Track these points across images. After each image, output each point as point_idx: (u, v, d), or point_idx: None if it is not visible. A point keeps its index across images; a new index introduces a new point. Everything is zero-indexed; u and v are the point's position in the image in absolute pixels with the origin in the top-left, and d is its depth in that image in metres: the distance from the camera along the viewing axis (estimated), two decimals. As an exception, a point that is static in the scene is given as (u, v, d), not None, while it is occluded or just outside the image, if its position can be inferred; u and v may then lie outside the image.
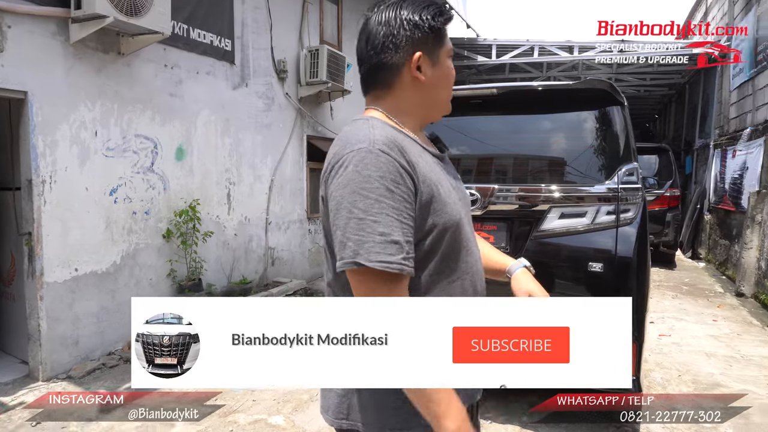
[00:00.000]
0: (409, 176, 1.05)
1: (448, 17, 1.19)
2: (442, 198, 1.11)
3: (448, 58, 1.21)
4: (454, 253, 1.16)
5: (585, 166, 3.06)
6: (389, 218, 1.01)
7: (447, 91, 1.23)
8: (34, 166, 3.71)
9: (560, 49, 11.10)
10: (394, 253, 1.00)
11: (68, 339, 3.94)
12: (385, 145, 1.04)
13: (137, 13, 3.96)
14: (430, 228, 1.09)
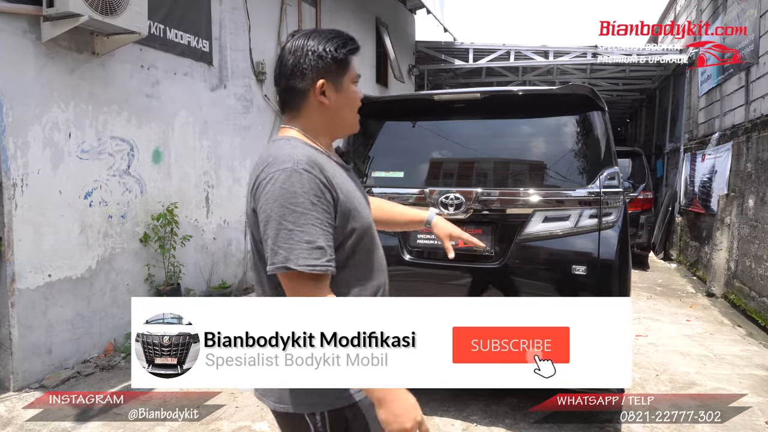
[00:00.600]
0: (328, 190, 1.24)
1: (351, 49, 1.35)
2: (356, 206, 1.31)
3: (353, 84, 1.37)
4: (370, 252, 1.37)
5: (567, 170, 3.11)
6: (314, 228, 1.19)
7: (351, 113, 1.39)
8: (5, 169, 3.59)
9: (536, 54, 11.28)
10: (319, 257, 1.19)
11: (41, 347, 3.81)
12: (307, 165, 1.22)
13: (113, 12, 3.86)
14: (350, 232, 1.29)
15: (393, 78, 10.61)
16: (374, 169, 3.48)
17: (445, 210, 3.10)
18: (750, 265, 5.70)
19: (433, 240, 3.19)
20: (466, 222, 3.11)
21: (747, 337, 4.92)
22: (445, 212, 3.09)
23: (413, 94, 3.68)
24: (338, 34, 1.35)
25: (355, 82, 1.38)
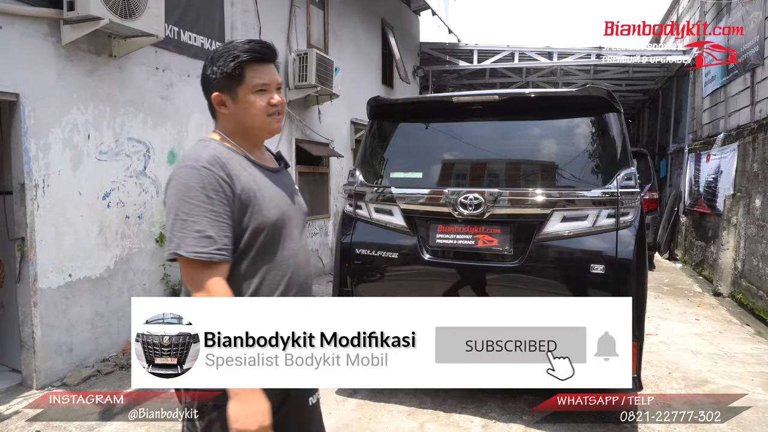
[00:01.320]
0: (227, 185, 1.37)
1: (240, 62, 1.43)
2: (259, 203, 1.42)
3: (251, 94, 1.45)
4: (270, 247, 1.45)
5: (585, 171, 3.16)
6: (206, 219, 1.32)
7: (255, 119, 1.47)
8: (27, 170, 3.63)
9: (540, 55, 11.33)
10: (207, 245, 1.31)
11: (62, 346, 3.86)
12: (208, 162, 1.36)
13: (132, 15, 3.91)
14: (247, 226, 1.40)
15: (399, 79, 10.66)
16: (393, 170, 3.52)
17: (465, 210, 3.14)
18: (757, 264, 5.75)
19: (452, 239, 3.24)
20: (485, 222, 3.16)
21: (756, 335, 4.97)
22: (465, 212, 3.14)
23: (432, 96, 3.72)
24: (229, 50, 1.45)
25: (254, 91, 1.45)
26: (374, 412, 3.39)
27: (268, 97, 1.47)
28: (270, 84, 1.48)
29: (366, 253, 3.43)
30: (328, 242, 8.07)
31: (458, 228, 3.23)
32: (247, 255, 1.42)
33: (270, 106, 1.48)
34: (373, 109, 3.65)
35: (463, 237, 3.22)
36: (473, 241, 3.19)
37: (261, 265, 1.44)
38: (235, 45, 1.46)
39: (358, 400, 3.55)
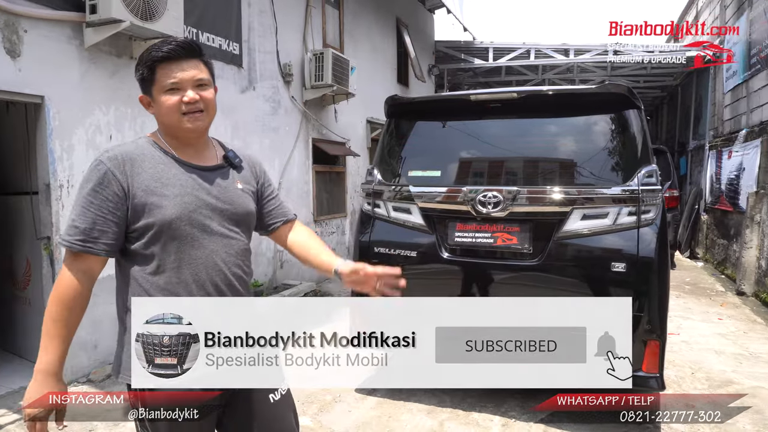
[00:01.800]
0: (117, 182, 1.40)
1: (147, 64, 1.46)
2: (155, 202, 1.42)
3: (164, 93, 1.46)
4: (170, 244, 1.44)
5: (605, 168, 3.13)
6: (84, 211, 1.39)
7: (170, 117, 1.48)
8: (52, 171, 3.71)
9: (556, 52, 11.24)
10: (73, 234, 1.39)
11: (87, 343, 3.93)
12: (108, 159, 1.42)
13: (152, 18, 3.97)
14: (145, 224, 1.42)
15: (414, 78, 10.65)
16: (411, 169, 3.53)
17: (484, 209, 3.14)
18: (781, 262, 5.64)
19: (470, 238, 3.23)
20: (504, 220, 3.15)
21: (781, 335, 4.88)
22: (483, 211, 3.14)
23: (450, 94, 3.72)
24: (146, 49, 1.50)
25: (165, 91, 1.45)
26: (393, 410, 3.39)
27: (180, 96, 1.45)
28: (181, 81, 1.45)
29: (384, 252, 3.44)
30: (345, 241, 8.10)
31: (477, 226, 3.22)
32: (151, 250, 1.44)
33: (183, 104, 1.45)
34: (391, 107, 3.65)
35: (482, 235, 3.21)
36: (492, 239, 3.18)
37: (170, 262, 1.44)
38: (150, 47, 1.48)
39: (378, 398, 3.56)
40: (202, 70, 1.50)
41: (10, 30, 3.47)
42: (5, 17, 3.43)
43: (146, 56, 1.46)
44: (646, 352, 2.90)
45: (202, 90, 1.48)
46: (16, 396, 3.63)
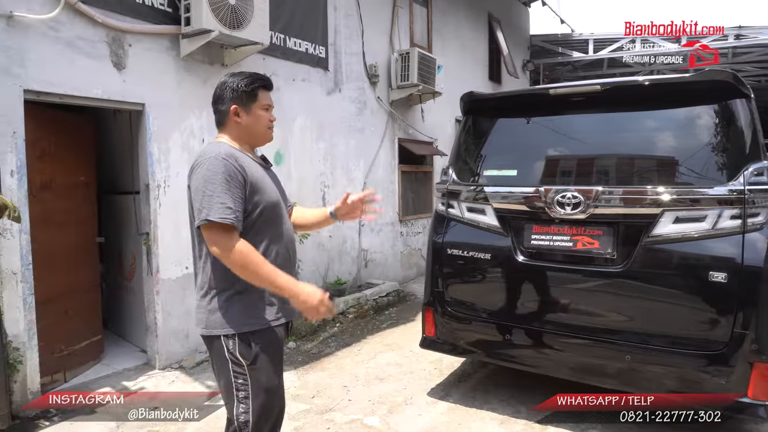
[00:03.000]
0: (239, 173, 1.78)
1: (258, 85, 1.93)
2: (262, 187, 1.86)
3: (261, 110, 1.94)
4: (273, 221, 1.90)
5: (704, 166, 2.79)
6: (226, 195, 1.73)
7: (260, 129, 1.96)
8: (151, 172, 4.03)
9: (665, 40, 10.33)
10: (229, 214, 1.72)
11: (180, 332, 4.24)
12: (226, 155, 1.78)
13: (239, 26, 4.18)
14: (257, 203, 1.83)
15: (506, 74, 10.32)
16: (486, 168, 3.40)
17: (561, 210, 2.94)
18: None
19: (547, 241, 3.04)
20: (585, 222, 2.93)
21: None
22: (561, 212, 2.94)
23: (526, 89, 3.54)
24: (249, 75, 1.94)
25: (264, 109, 1.95)
26: (465, 417, 3.29)
27: (269, 115, 1.98)
28: (271, 106, 1.99)
29: (457, 254, 3.35)
30: (431, 241, 8.02)
31: (555, 228, 3.03)
32: (256, 224, 1.83)
33: (269, 122, 1.98)
34: (467, 104, 3.54)
35: (561, 238, 3.01)
36: (571, 242, 2.97)
37: (265, 236, 1.86)
38: (249, 74, 1.95)
39: (450, 403, 3.48)
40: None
41: (117, 45, 3.82)
42: (113, 34, 3.79)
43: (250, 79, 1.92)
44: (753, 376, 2.55)
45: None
46: (120, 376, 4.00)
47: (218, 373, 1.89)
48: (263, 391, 1.83)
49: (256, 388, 1.82)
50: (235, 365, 1.81)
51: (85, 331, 4.07)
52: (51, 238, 3.67)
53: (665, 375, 2.75)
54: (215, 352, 1.86)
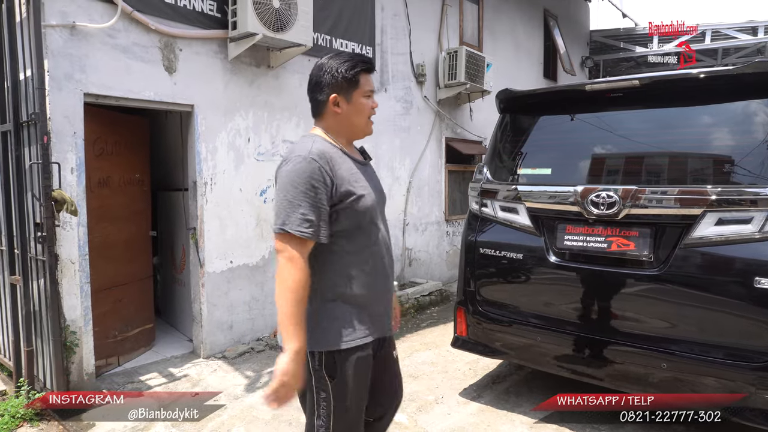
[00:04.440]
0: (329, 177, 1.63)
1: (360, 69, 1.73)
2: (354, 191, 1.67)
3: (363, 97, 1.76)
4: (365, 228, 1.73)
5: (753, 165, 2.60)
6: (309, 205, 1.60)
7: (361, 119, 1.78)
8: (198, 170, 4.24)
9: (740, 32, 9.68)
10: (308, 227, 1.59)
11: (224, 323, 4.43)
12: (317, 155, 1.63)
13: (283, 29, 4.30)
14: (346, 210, 1.66)
15: (562, 71, 10.01)
16: (520, 166, 3.34)
17: (596, 210, 2.84)
18: None
19: (581, 242, 2.95)
20: (620, 223, 2.81)
21: None
22: (595, 212, 2.84)
23: (563, 86, 3.43)
24: (350, 58, 1.74)
25: (366, 96, 1.76)
26: (494, 418, 3.25)
27: (371, 102, 1.78)
28: (373, 91, 1.80)
29: (490, 254, 3.30)
30: (479, 242, 7.92)
31: (589, 229, 2.93)
32: (345, 232, 1.69)
33: (371, 110, 1.79)
34: (502, 102, 3.49)
35: (594, 239, 2.90)
36: (606, 244, 2.86)
37: (360, 241, 1.72)
38: (350, 56, 1.77)
39: (481, 404, 3.44)
40: None
41: (168, 50, 4.04)
42: (165, 39, 4.01)
43: (350, 63, 1.73)
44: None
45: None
46: (167, 363, 4.23)
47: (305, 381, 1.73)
48: (345, 410, 1.71)
49: (338, 407, 1.70)
50: (318, 380, 1.70)
51: (138, 319, 4.34)
52: (107, 231, 3.95)
53: (706, 386, 2.60)
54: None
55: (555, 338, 3.04)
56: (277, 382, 1.55)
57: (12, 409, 3.21)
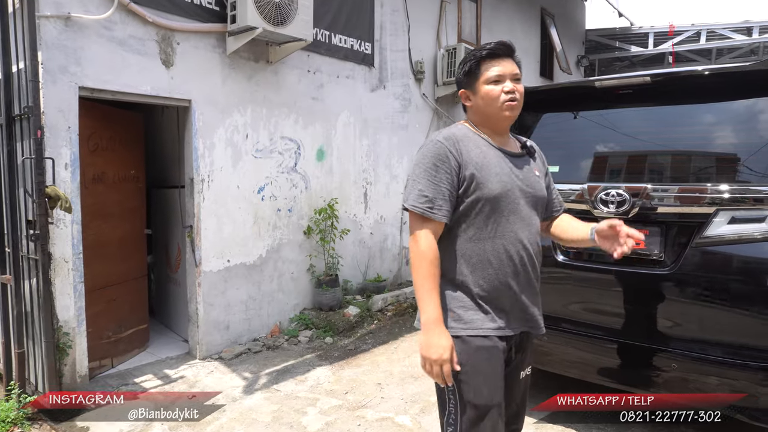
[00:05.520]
0: (454, 158, 1.64)
1: (475, 60, 1.72)
2: (482, 177, 1.64)
3: (486, 84, 1.70)
4: (490, 217, 1.66)
5: (763, 163, 2.57)
6: (427, 182, 1.63)
7: (492, 108, 1.71)
8: (195, 166, 4.15)
9: (735, 32, 9.72)
10: (423, 203, 1.62)
11: (220, 324, 4.34)
12: (444, 138, 1.67)
13: (283, 23, 4.22)
14: (470, 195, 1.65)
15: (559, 70, 9.99)
16: (526, 164, 3.28)
17: (605, 208, 2.79)
18: None
19: (590, 240, 2.89)
20: (630, 222, 2.75)
21: None
22: (604, 210, 2.79)
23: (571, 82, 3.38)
24: (470, 53, 1.76)
25: (493, 82, 1.68)
26: (499, 420, 3.18)
27: (501, 87, 1.68)
28: (503, 75, 1.69)
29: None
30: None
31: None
32: (467, 218, 1.66)
33: (504, 93, 1.68)
34: (507, 99, 3.42)
35: (603, 238, 2.85)
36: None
37: (481, 231, 1.66)
38: (475, 48, 1.77)
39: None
40: (516, 66, 1.74)
41: (165, 43, 3.94)
42: (162, 32, 3.92)
43: (472, 54, 1.74)
44: (816, 391, 2.33)
45: (517, 83, 1.71)
46: (162, 364, 4.13)
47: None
48: (471, 407, 1.62)
49: (463, 401, 1.63)
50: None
51: (132, 320, 4.24)
52: (101, 228, 3.84)
53: (718, 386, 2.56)
54: None
55: (562, 338, 2.98)
56: (421, 360, 1.58)
57: (2, 413, 3.10)
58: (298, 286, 4.98)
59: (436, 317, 1.57)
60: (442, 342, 1.56)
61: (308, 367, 4.10)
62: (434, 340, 1.55)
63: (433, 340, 1.56)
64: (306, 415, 3.31)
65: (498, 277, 1.67)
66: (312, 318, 4.92)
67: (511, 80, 1.68)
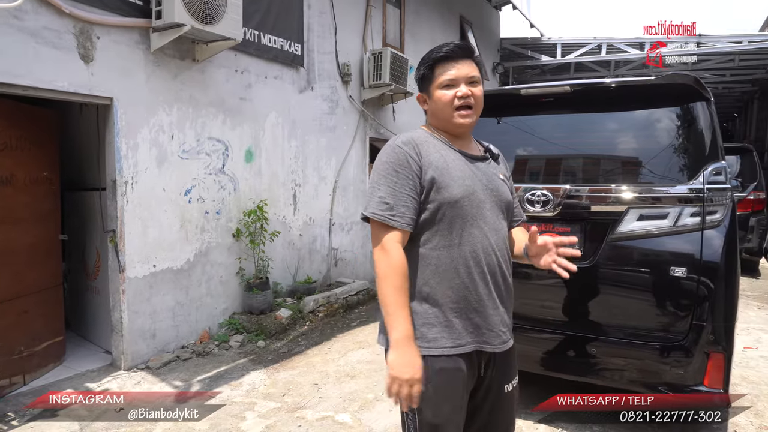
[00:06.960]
0: (415, 162, 1.56)
1: (429, 64, 1.67)
2: (444, 180, 1.57)
3: (439, 89, 1.65)
4: (455, 223, 1.58)
5: (667, 166, 2.90)
6: (388, 188, 1.55)
7: (445, 113, 1.66)
8: (118, 168, 3.94)
9: (630, 47, 10.67)
10: (384, 210, 1.54)
11: (146, 332, 4.15)
12: (403, 142, 1.60)
13: (211, 21, 4.12)
14: (432, 200, 1.57)
15: (477, 76, 10.46)
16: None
17: (531, 207, 3.00)
18: None
19: (517, 238, 3.10)
20: (554, 220, 3.00)
21: None
22: (531, 210, 3.01)
23: (499, 89, 3.59)
24: (423, 59, 1.70)
25: (442, 86, 1.64)
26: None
27: (455, 92, 1.63)
28: (456, 79, 1.63)
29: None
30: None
31: (525, 226, 3.08)
32: (431, 225, 1.58)
33: (457, 99, 1.63)
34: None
35: (530, 235, 3.07)
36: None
37: (444, 238, 1.58)
38: (432, 50, 1.68)
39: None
40: (474, 68, 1.66)
41: (84, 37, 3.72)
42: (81, 25, 3.69)
43: (427, 57, 1.67)
44: (709, 366, 2.66)
45: (473, 86, 1.65)
46: (83, 378, 3.89)
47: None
48: (428, 427, 1.54)
49: (421, 423, 1.54)
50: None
51: (46, 332, 3.95)
52: (10, 234, 3.56)
53: (628, 366, 2.84)
54: None
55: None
56: (387, 379, 1.47)
57: None
58: (227, 290, 4.87)
59: (408, 334, 1.47)
60: (415, 361, 1.46)
61: (242, 372, 4.03)
62: (407, 359, 1.45)
63: (406, 359, 1.45)
64: (245, 420, 3.27)
65: (466, 285, 1.56)
66: (243, 322, 4.83)
67: (465, 84, 1.62)
